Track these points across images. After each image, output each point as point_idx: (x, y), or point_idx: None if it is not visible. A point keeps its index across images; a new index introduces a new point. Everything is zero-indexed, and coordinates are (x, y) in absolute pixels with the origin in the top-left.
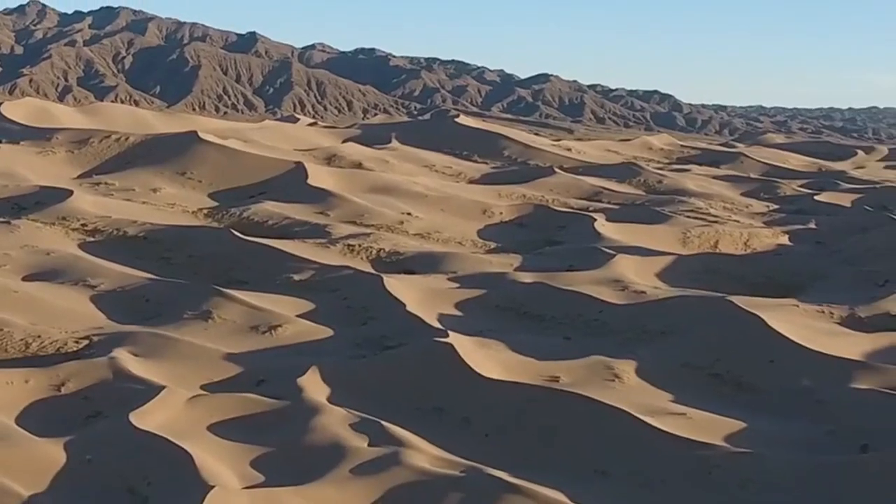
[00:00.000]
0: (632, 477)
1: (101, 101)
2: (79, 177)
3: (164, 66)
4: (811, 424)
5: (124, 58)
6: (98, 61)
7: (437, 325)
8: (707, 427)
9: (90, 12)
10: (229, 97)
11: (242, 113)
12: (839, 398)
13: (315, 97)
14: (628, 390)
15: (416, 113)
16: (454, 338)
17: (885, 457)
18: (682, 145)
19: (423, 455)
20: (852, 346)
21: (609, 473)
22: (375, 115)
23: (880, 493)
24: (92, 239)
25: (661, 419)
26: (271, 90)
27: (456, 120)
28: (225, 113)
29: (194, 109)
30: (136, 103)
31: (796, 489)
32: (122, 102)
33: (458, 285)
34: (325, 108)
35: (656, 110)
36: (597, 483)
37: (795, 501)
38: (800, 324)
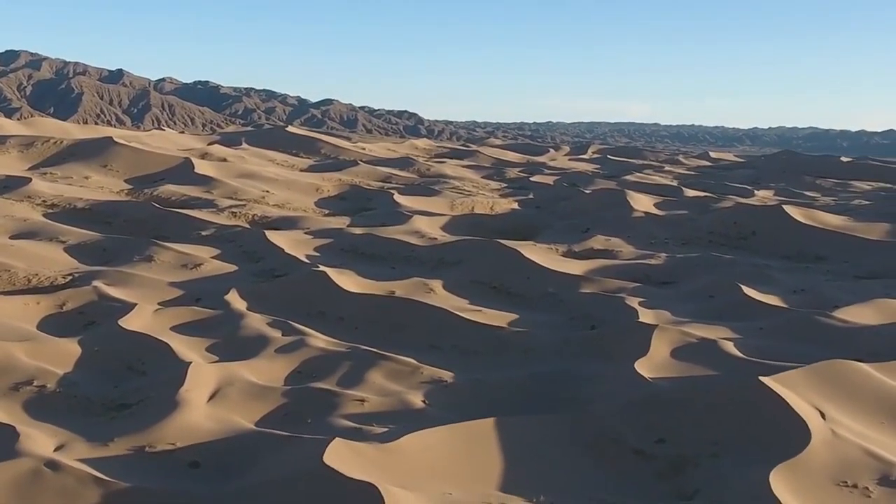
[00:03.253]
0: (454, 349)
1: (10, 119)
2: (30, 169)
3: (56, 93)
4: (558, 315)
5: (25, 87)
6: (6, 90)
7: (307, 261)
8: (496, 318)
9: None
10: (105, 116)
11: (115, 128)
12: (573, 298)
13: (168, 116)
14: (441, 298)
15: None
16: (323, 268)
17: (604, 331)
18: (437, 146)
19: (320, 340)
20: (575, 267)
21: (439, 347)
22: (213, 130)
23: (603, 352)
24: (52, 211)
25: (467, 313)
26: (136, 110)
27: (287, 129)
28: None
29: (78, 125)
30: None
31: (556, 352)
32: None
33: (312, 237)
34: (176, 124)
35: (406, 124)
36: (433, 353)
37: (555, 358)
38: (540, 255)
